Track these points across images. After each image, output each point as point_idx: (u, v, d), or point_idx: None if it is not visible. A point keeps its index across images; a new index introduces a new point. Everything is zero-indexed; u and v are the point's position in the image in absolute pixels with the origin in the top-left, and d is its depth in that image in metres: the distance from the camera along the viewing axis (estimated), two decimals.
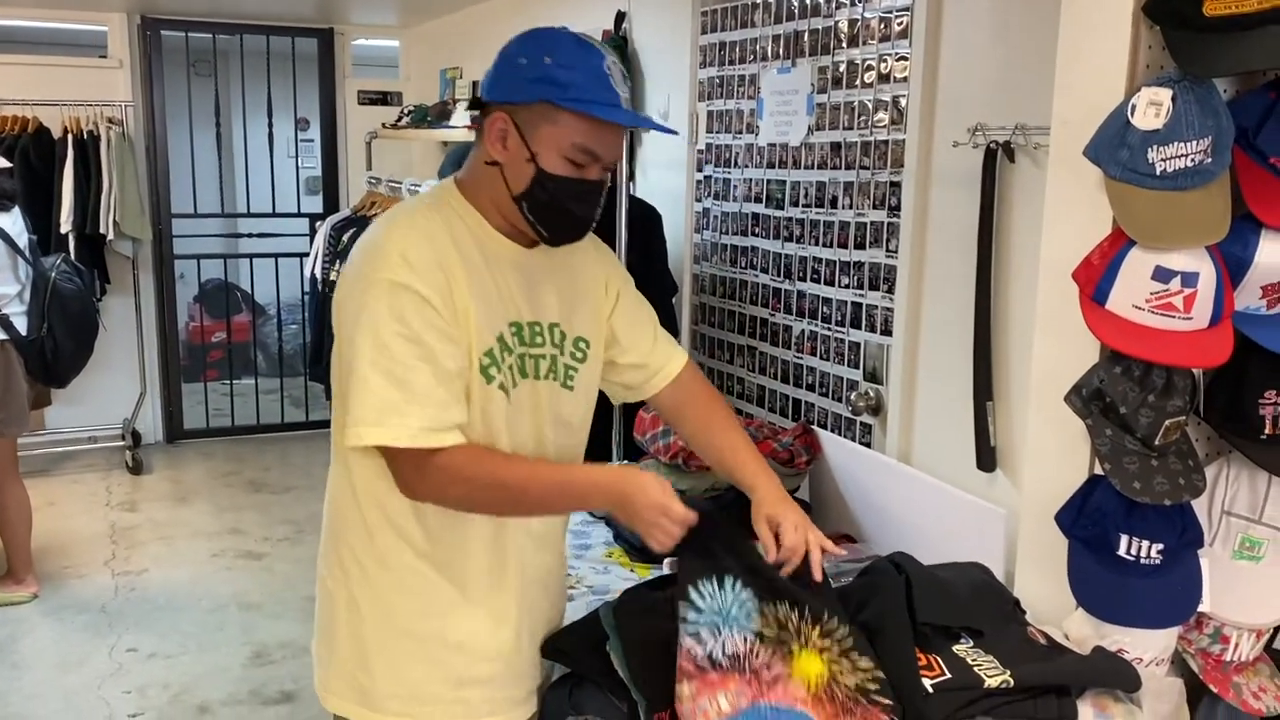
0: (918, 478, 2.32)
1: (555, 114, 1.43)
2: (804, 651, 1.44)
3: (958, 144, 2.30)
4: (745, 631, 1.42)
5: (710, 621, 1.42)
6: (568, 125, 1.43)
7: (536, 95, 1.43)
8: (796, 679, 1.41)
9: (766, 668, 1.41)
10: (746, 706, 1.37)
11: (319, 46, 6.17)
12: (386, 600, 1.54)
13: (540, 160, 1.45)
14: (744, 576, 1.48)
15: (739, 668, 1.40)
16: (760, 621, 1.44)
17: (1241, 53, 1.45)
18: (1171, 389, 1.55)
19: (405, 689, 1.54)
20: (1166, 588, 1.60)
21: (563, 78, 1.41)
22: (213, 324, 6.96)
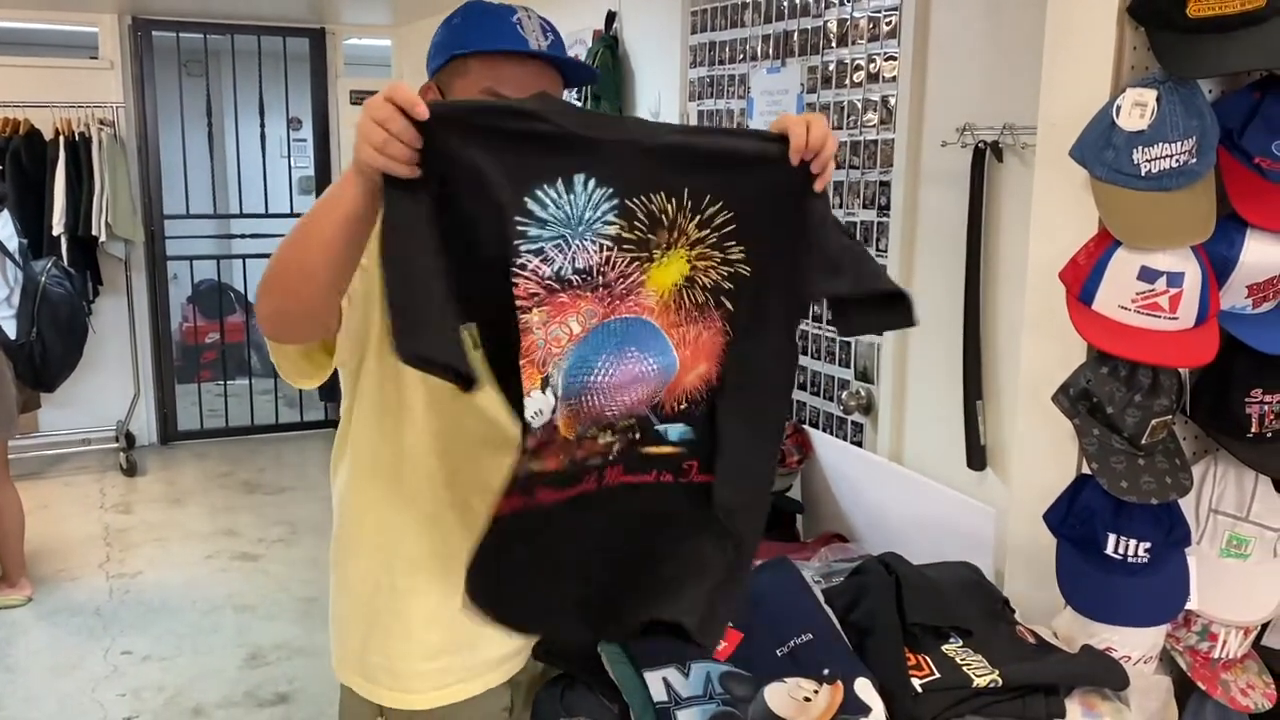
0: (908, 476, 2.33)
1: (464, 66, 1.43)
2: (668, 255, 1.21)
3: (946, 144, 2.31)
4: (601, 239, 1.18)
5: (556, 234, 1.16)
6: (475, 72, 1.43)
7: (446, 55, 1.45)
8: (649, 288, 1.21)
9: (622, 278, 1.20)
10: (597, 325, 1.19)
11: (310, 46, 6.15)
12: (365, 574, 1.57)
13: None
14: (605, 166, 1.17)
15: (591, 284, 1.18)
16: (620, 224, 1.19)
17: (1225, 54, 1.45)
18: (1158, 388, 1.55)
19: (391, 661, 1.57)
20: (1154, 586, 1.61)
21: (465, 32, 1.44)
22: (206, 325, 6.94)
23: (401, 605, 1.56)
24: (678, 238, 1.22)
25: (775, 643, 1.49)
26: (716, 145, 1.24)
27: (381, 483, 1.55)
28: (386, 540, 1.56)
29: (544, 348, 1.17)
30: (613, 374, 1.21)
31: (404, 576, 1.56)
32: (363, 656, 1.59)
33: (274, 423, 6.36)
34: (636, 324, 1.21)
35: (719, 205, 1.22)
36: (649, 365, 1.23)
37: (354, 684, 1.61)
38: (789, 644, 1.49)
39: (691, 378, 1.26)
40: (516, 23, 1.44)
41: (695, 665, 1.46)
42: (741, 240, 1.23)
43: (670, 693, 1.44)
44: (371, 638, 1.58)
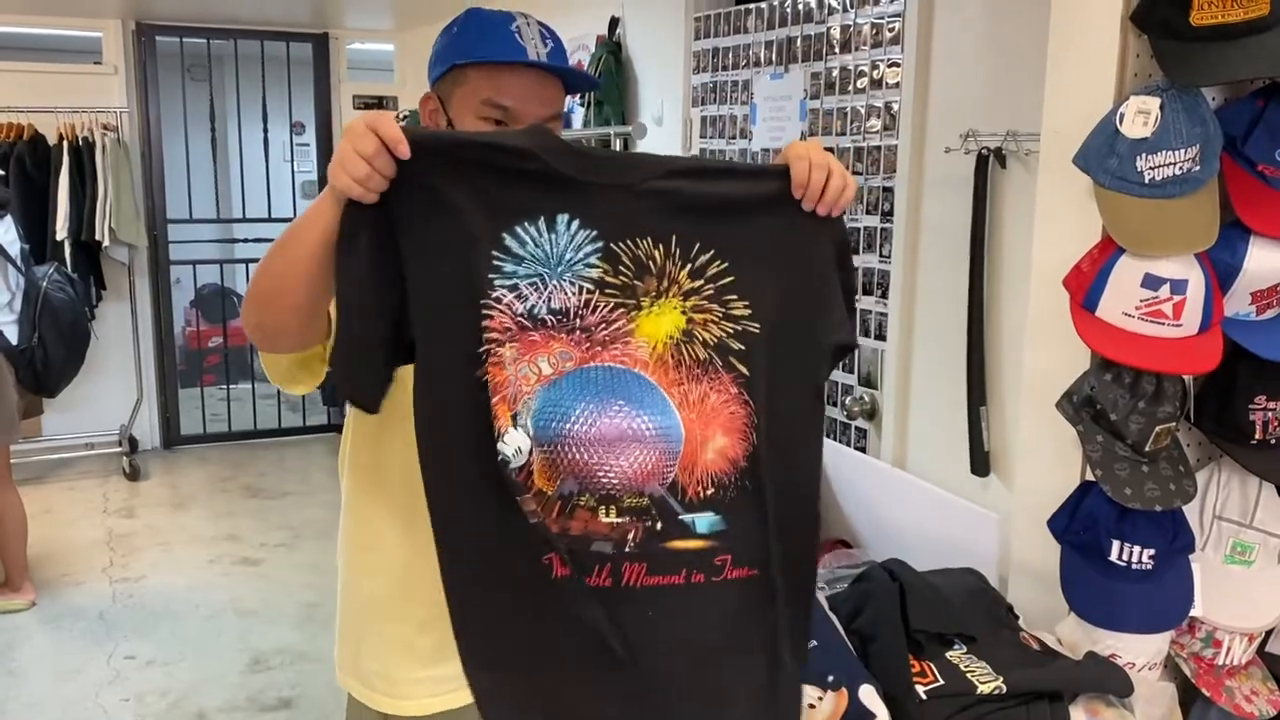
0: (912, 483, 2.33)
1: (462, 75, 1.44)
2: (658, 304, 1.15)
3: (950, 150, 2.31)
4: (581, 281, 1.14)
5: (533, 272, 1.12)
6: (473, 82, 1.43)
7: (447, 64, 1.45)
8: (639, 337, 1.15)
9: (605, 324, 1.14)
10: (572, 369, 1.13)
11: (314, 51, 6.16)
12: (364, 582, 1.58)
13: (456, 124, 1.45)
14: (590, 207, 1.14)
15: (566, 325, 1.14)
16: (603, 268, 1.14)
17: (1228, 62, 1.46)
18: (1162, 395, 1.56)
19: (386, 668, 1.57)
20: (1158, 593, 1.61)
21: (466, 42, 1.44)
22: (209, 329, 6.95)
23: (398, 611, 1.57)
24: (668, 286, 1.16)
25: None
26: (706, 191, 1.17)
27: (380, 489, 1.56)
28: (384, 547, 1.57)
29: (514, 384, 1.13)
30: (594, 425, 1.13)
31: (401, 583, 1.56)
32: (360, 663, 1.60)
33: (277, 427, 6.36)
34: (626, 375, 1.15)
35: (710, 254, 1.16)
36: (643, 424, 1.14)
37: (353, 689, 1.62)
38: None
39: (712, 455, 1.16)
40: (515, 31, 1.44)
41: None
42: (742, 295, 1.17)
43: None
44: (366, 643, 1.59)
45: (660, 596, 1.14)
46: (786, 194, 1.18)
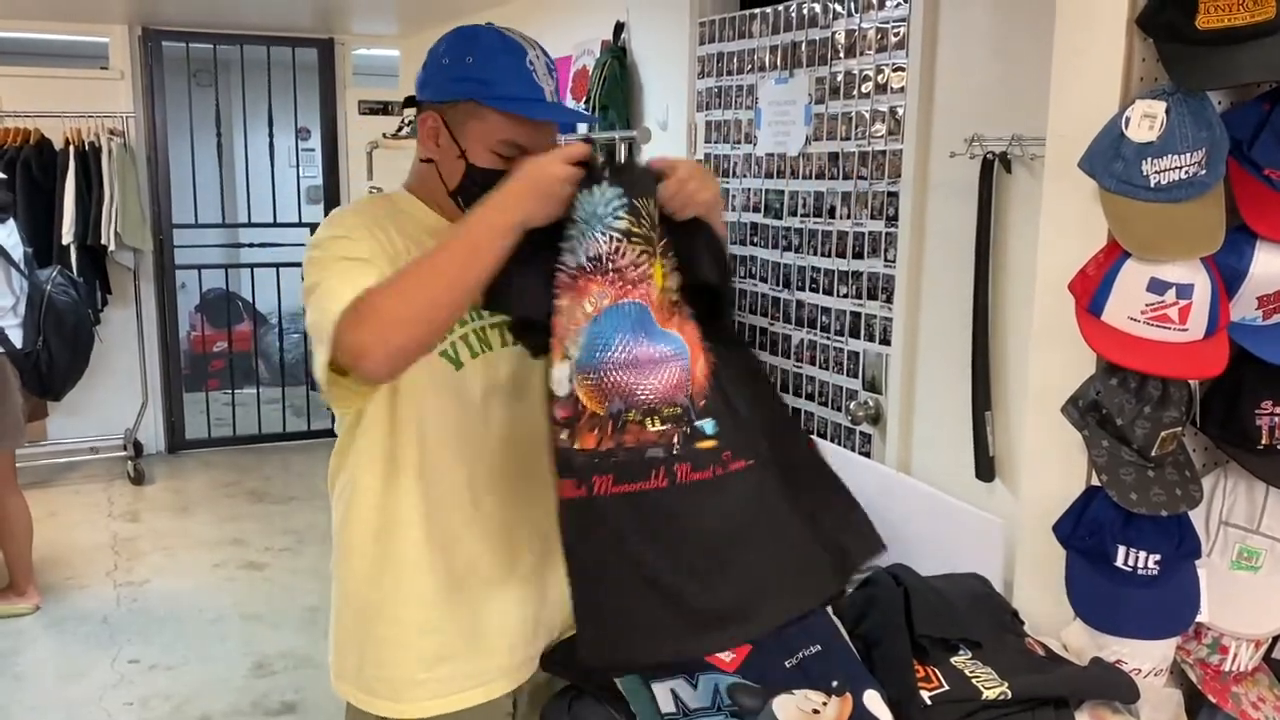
0: (917, 487, 2.32)
1: (481, 111, 1.48)
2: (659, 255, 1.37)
3: (955, 154, 2.31)
4: (611, 231, 1.33)
5: (580, 231, 1.34)
6: (494, 122, 1.48)
7: (462, 93, 1.49)
8: (654, 282, 1.36)
9: (633, 266, 1.33)
10: (608, 306, 1.32)
11: (319, 56, 6.18)
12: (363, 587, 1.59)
13: (470, 156, 1.50)
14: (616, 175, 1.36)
15: (601, 269, 1.33)
16: (629, 220, 1.33)
17: (1234, 66, 1.45)
18: (1168, 400, 1.55)
19: (387, 671, 1.58)
20: (1164, 598, 1.61)
21: (485, 76, 1.48)
22: (214, 334, 6.97)
23: (399, 613, 1.57)
24: (661, 238, 1.37)
25: (784, 654, 1.48)
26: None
27: (381, 490, 1.56)
28: (383, 548, 1.57)
29: (565, 326, 1.33)
30: (631, 352, 1.30)
31: (403, 584, 1.56)
32: (360, 669, 1.60)
33: (281, 432, 6.37)
34: (646, 310, 1.33)
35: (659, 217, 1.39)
36: (666, 347, 1.32)
37: (353, 698, 1.62)
38: (798, 656, 1.48)
39: (698, 374, 1.34)
40: (531, 70, 1.49)
41: (703, 677, 1.45)
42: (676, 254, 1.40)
43: (678, 704, 1.43)
44: (368, 648, 1.59)
45: (703, 489, 1.32)
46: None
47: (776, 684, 1.46)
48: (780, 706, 1.43)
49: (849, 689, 1.43)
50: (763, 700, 1.44)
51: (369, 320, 1.31)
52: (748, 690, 1.46)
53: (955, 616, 1.60)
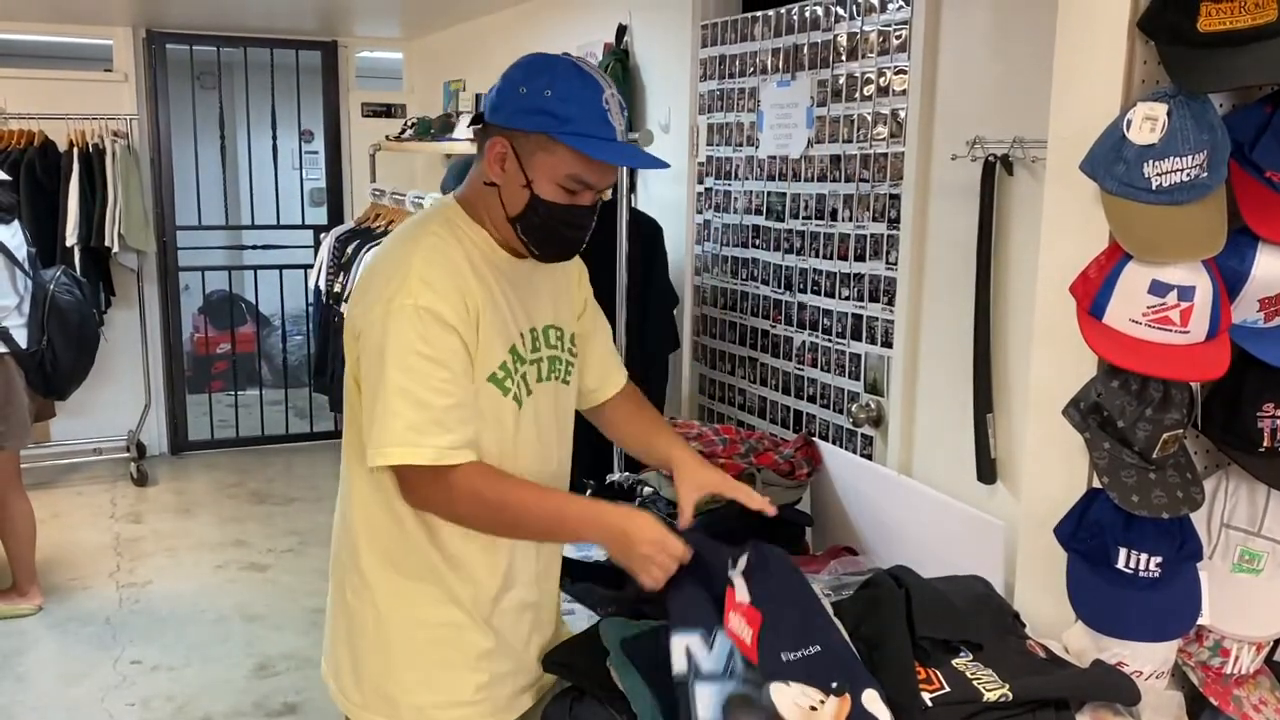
0: (918, 490, 2.32)
1: (552, 145, 1.48)
2: None
3: (956, 157, 2.31)
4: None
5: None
6: (564, 157, 1.48)
7: (535, 126, 1.48)
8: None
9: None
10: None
11: (323, 59, 6.19)
12: (414, 610, 1.59)
13: (535, 187, 1.50)
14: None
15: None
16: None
17: (1236, 68, 1.45)
18: (1169, 402, 1.55)
19: (436, 695, 1.59)
20: (1165, 601, 1.60)
21: (561, 111, 1.46)
22: (217, 335, 6.98)
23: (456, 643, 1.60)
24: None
25: (785, 646, 1.48)
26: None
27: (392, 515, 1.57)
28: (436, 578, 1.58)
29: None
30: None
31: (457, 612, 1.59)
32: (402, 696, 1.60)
33: (284, 433, 6.38)
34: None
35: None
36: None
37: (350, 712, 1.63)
38: (798, 653, 1.48)
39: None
40: (606, 109, 1.49)
41: (721, 634, 1.46)
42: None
43: (690, 663, 1.43)
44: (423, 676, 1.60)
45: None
46: None
47: (774, 672, 1.45)
48: (779, 695, 1.42)
49: (848, 689, 1.43)
50: (760, 682, 1.43)
51: (453, 498, 1.49)
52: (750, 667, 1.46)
53: (956, 618, 1.60)
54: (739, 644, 1.44)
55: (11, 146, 5.22)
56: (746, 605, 1.46)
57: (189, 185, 5.99)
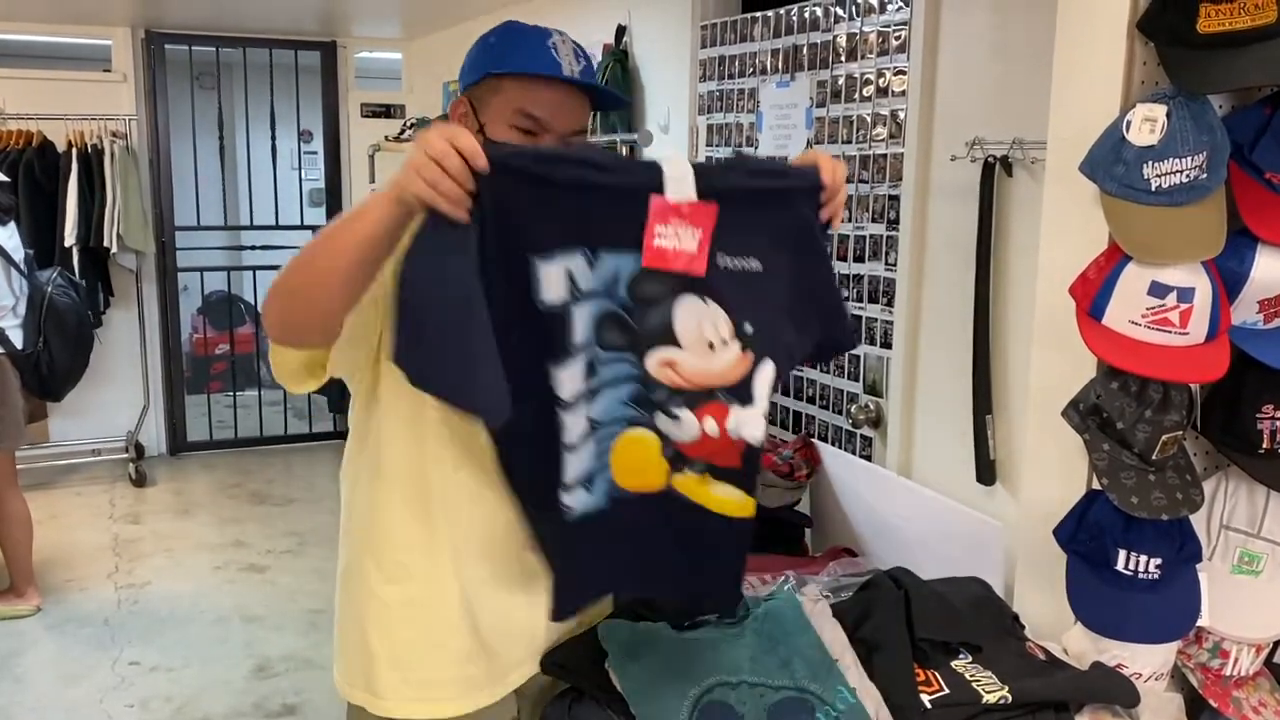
0: (917, 491, 2.32)
1: (498, 84, 1.49)
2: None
3: (956, 158, 2.31)
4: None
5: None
6: (508, 91, 1.48)
7: (481, 71, 1.50)
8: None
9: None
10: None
11: (322, 59, 6.19)
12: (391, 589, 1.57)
13: (488, 130, 1.49)
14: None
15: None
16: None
17: (1235, 69, 1.45)
18: (1168, 404, 1.55)
19: (412, 673, 1.56)
20: (1165, 602, 1.60)
21: (502, 51, 1.50)
22: (216, 336, 6.97)
23: (430, 616, 1.56)
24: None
25: (727, 248, 1.29)
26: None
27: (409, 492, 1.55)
28: (413, 552, 1.56)
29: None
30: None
31: (434, 586, 1.56)
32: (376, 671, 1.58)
33: (283, 434, 6.37)
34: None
35: None
36: None
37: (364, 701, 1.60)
38: (736, 262, 1.30)
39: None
40: (552, 46, 1.49)
41: (608, 256, 1.26)
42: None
43: (570, 287, 1.26)
44: (397, 650, 1.57)
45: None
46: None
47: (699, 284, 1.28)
48: (683, 313, 1.28)
49: (756, 350, 1.32)
50: (670, 296, 1.28)
51: (271, 288, 1.34)
52: (659, 283, 1.28)
53: (956, 620, 1.60)
54: (666, 261, 1.25)
55: (10, 147, 5.21)
56: (691, 204, 1.24)
57: (188, 186, 5.99)
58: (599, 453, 1.37)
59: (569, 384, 1.30)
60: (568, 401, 1.31)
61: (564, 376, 1.29)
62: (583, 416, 1.33)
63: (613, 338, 1.30)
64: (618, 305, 1.29)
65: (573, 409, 1.31)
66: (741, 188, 1.30)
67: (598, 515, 1.40)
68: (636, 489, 1.40)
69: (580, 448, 1.34)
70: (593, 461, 1.37)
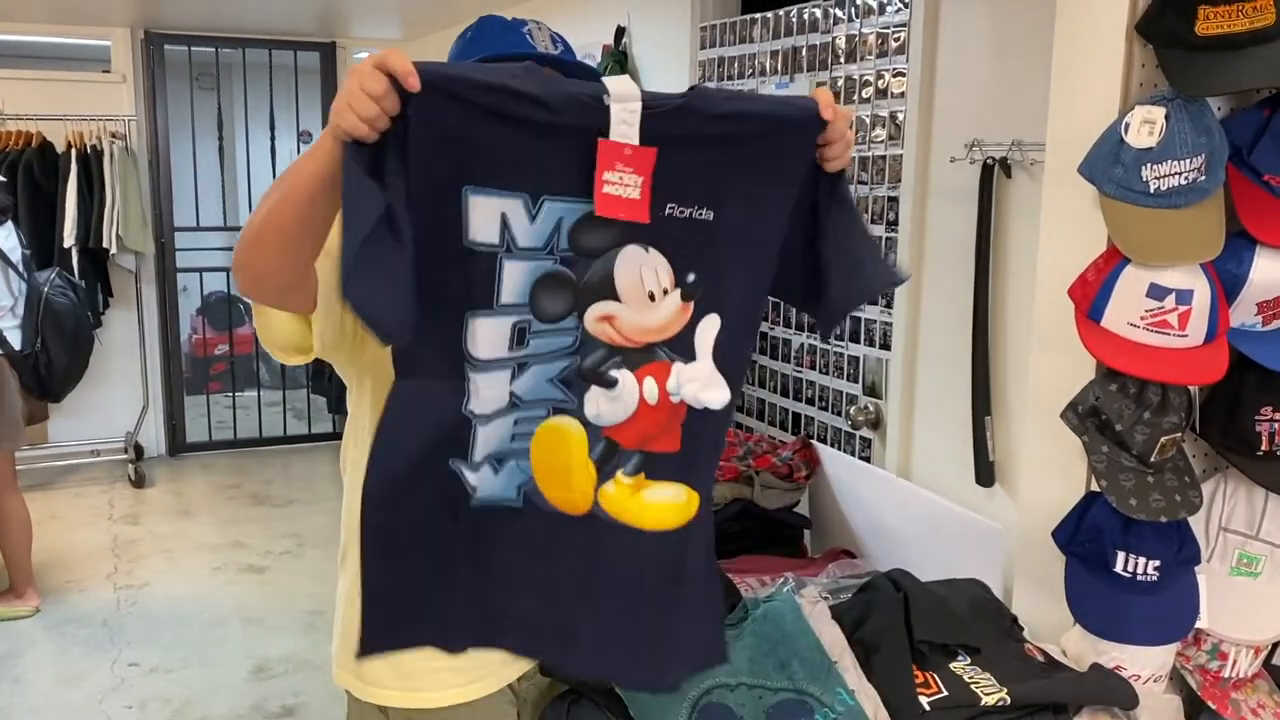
0: (917, 493, 2.32)
1: None
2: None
3: (955, 159, 2.31)
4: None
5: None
6: None
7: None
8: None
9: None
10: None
11: (321, 60, 6.19)
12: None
13: None
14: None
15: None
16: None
17: (1233, 72, 1.46)
18: (1167, 406, 1.55)
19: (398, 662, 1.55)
20: (1163, 604, 1.61)
21: (480, 41, 1.50)
22: (215, 337, 6.97)
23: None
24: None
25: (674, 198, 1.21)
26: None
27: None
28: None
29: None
30: None
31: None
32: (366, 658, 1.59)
33: (282, 435, 6.37)
34: None
35: None
36: None
37: (353, 686, 1.61)
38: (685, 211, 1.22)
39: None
40: (527, 33, 1.50)
41: (549, 203, 1.18)
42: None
43: (505, 235, 1.17)
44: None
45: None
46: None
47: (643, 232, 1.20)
48: (624, 263, 1.21)
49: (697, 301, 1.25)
50: (611, 245, 1.21)
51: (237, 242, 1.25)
52: (601, 230, 1.19)
53: (954, 622, 1.60)
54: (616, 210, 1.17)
55: (9, 147, 5.21)
56: (633, 148, 1.15)
57: (187, 186, 5.98)
58: (518, 435, 1.27)
59: (486, 343, 1.21)
60: (480, 360, 1.22)
61: (482, 332, 1.20)
62: (503, 386, 1.23)
63: (551, 305, 1.22)
64: (558, 260, 1.20)
65: (486, 371, 1.22)
66: (694, 134, 1.18)
67: (501, 510, 1.27)
68: (558, 503, 1.28)
69: (494, 421, 1.24)
70: (507, 443, 1.27)
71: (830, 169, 1.25)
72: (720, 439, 1.35)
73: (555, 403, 1.27)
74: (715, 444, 1.34)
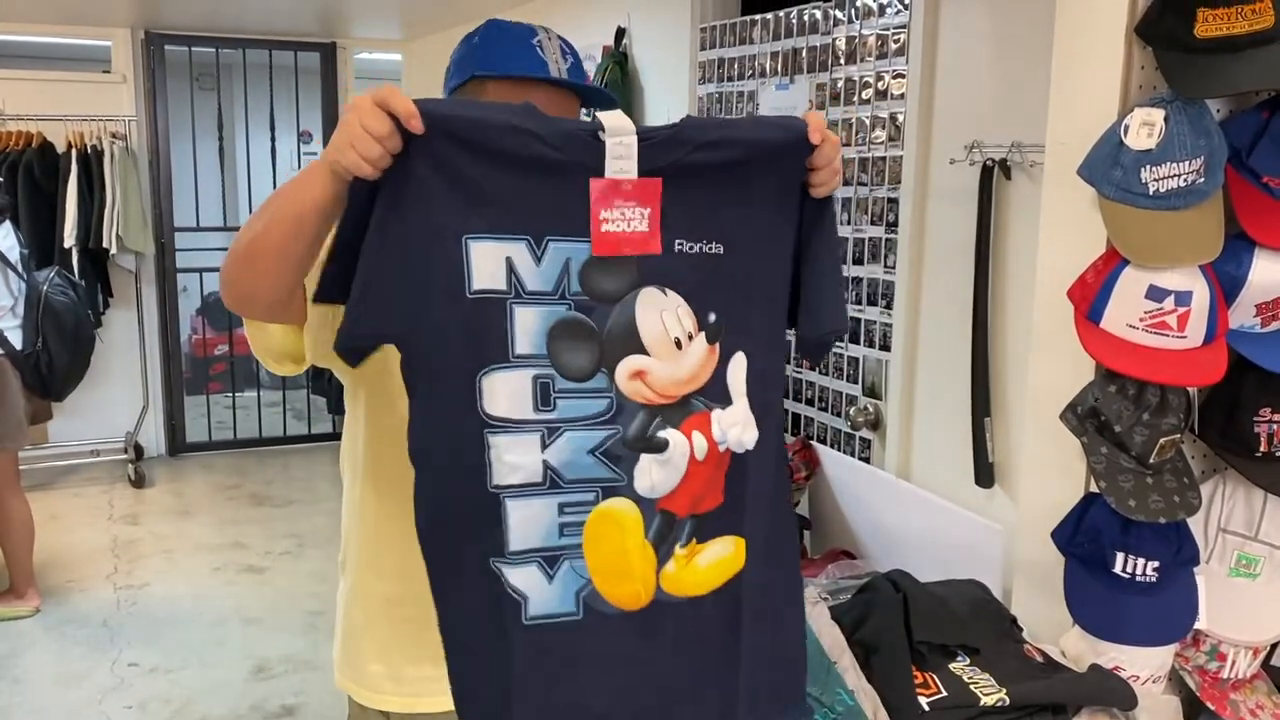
0: (916, 493, 2.33)
1: (482, 87, 1.44)
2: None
3: (955, 161, 2.31)
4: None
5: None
6: (493, 94, 1.43)
7: (467, 73, 1.45)
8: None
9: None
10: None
11: (321, 60, 6.19)
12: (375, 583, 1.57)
13: None
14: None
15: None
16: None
17: (1233, 74, 1.46)
18: (1166, 407, 1.55)
19: (395, 668, 1.56)
20: (1162, 605, 1.61)
21: (489, 52, 1.44)
22: (215, 337, 6.97)
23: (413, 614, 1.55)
24: None
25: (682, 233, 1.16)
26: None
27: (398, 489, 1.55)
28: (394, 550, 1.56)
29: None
30: None
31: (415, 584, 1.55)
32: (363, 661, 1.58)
33: (282, 435, 6.37)
34: None
35: None
36: None
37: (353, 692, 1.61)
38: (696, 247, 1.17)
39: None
40: (537, 45, 1.44)
41: (554, 245, 1.13)
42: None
43: (511, 279, 1.12)
44: (375, 644, 1.58)
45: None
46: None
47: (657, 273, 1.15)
48: (645, 306, 1.15)
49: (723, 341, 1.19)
50: (628, 288, 1.15)
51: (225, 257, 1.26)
52: (613, 271, 1.14)
53: (954, 623, 1.61)
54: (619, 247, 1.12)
55: (10, 148, 5.21)
56: (633, 181, 1.12)
57: (187, 186, 5.99)
58: (567, 528, 1.15)
59: (505, 400, 1.12)
60: (499, 420, 1.12)
61: (499, 388, 1.12)
62: (533, 453, 1.13)
63: (574, 358, 1.13)
64: (571, 306, 1.13)
65: (508, 433, 1.12)
66: (691, 164, 1.14)
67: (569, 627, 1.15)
68: (620, 601, 1.16)
69: (528, 499, 1.13)
70: (554, 534, 1.14)
71: (815, 194, 1.21)
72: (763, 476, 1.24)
73: (604, 483, 1.15)
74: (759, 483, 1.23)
